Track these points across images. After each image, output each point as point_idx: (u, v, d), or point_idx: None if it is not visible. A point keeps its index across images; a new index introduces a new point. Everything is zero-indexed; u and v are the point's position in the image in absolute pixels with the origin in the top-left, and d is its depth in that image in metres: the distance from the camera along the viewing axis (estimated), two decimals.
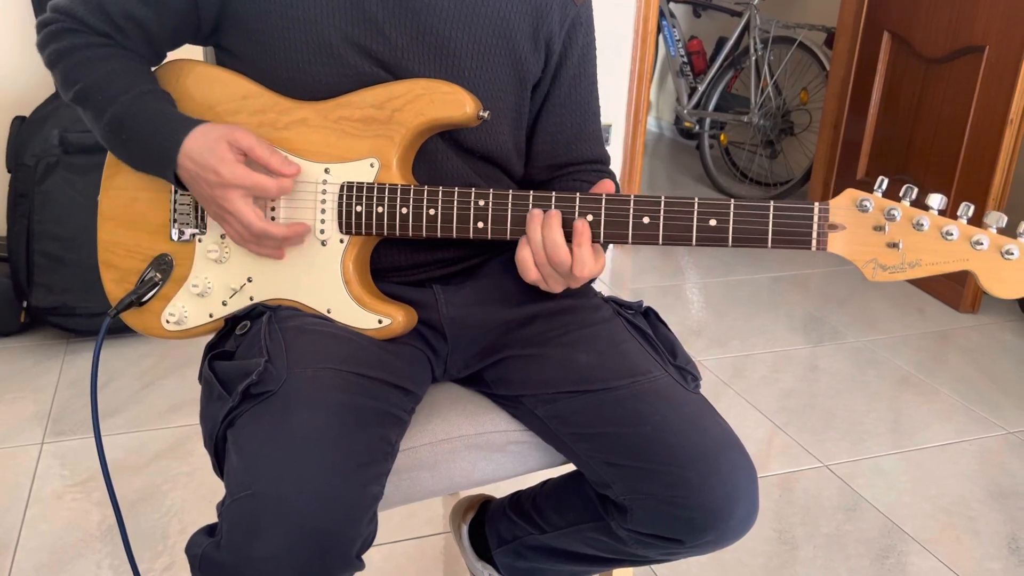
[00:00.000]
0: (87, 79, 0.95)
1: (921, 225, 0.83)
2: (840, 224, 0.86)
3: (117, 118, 0.94)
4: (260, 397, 0.84)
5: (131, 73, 0.96)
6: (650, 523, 0.91)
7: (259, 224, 0.92)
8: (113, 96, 0.94)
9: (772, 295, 2.80)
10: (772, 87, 3.89)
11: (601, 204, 0.90)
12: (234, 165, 0.90)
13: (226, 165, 0.90)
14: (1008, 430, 2.03)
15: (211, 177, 0.90)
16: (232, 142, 0.91)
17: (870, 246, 0.85)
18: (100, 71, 0.95)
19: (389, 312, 0.97)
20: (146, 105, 0.94)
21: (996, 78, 2.53)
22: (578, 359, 0.98)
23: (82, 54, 0.95)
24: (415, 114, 0.94)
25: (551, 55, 1.04)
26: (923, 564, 1.56)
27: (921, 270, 0.84)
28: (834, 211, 0.86)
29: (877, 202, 0.85)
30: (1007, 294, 0.83)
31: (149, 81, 0.97)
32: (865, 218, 0.85)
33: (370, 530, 0.83)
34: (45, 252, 2.14)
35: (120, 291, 1.03)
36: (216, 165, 0.90)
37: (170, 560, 1.49)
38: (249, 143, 0.92)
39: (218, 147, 0.91)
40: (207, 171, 0.90)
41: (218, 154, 0.90)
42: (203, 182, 0.91)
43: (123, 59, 0.97)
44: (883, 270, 0.85)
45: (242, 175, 0.90)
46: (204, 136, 0.92)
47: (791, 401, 2.12)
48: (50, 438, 1.84)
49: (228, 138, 0.91)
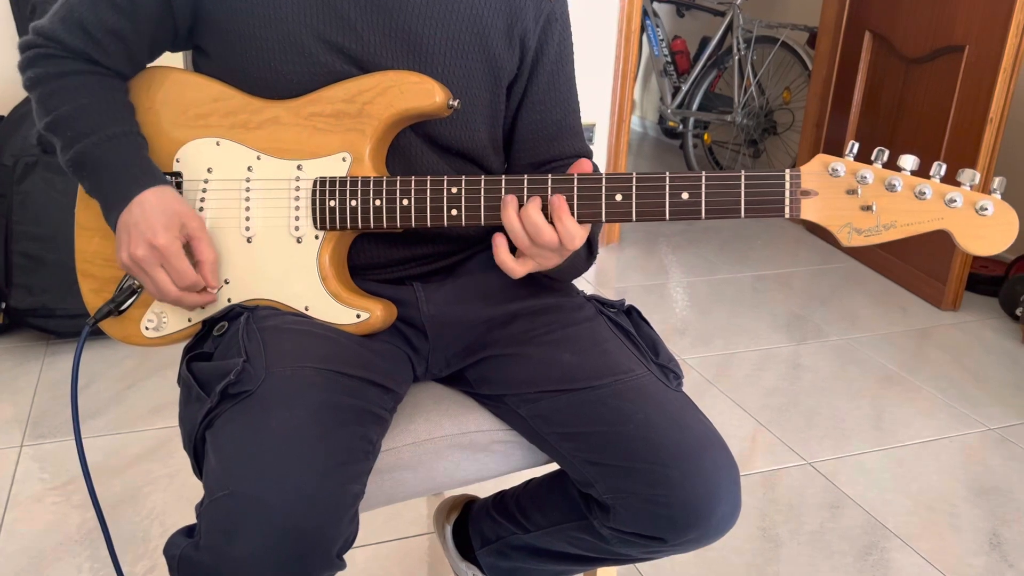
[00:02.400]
0: (58, 111, 0.95)
1: (894, 186, 0.83)
2: (812, 190, 0.85)
3: (80, 158, 0.95)
4: (238, 397, 0.84)
5: (103, 109, 0.96)
6: (633, 522, 0.91)
7: (176, 293, 0.94)
8: (79, 135, 0.95)
9: (755, 294, 2.81)
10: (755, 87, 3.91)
11: (574, 184, 0.90)
12: (173, 241, 0.92)
13: (167, 236, 0.91)
14: (989, 427, 2.05)
15: (147, 235, 0.91)
16: (184, 223, 0.93)
17: (844, 210, 0.85)
18: (72, 104, 0.95)
19: (367, 306, 0.96)
20: (109, 151, 0.95)
21: (976, 77, 2.55)
22: (561, 358, 0.97)
23: (57, 83, 0.96)
24: (385, 106, 0.94)
25: (527, 52, 1.04)
26: (905, 560, 1.57)
27: (897, 232, 0.83)
28: (805, 177, 0.85)
29: (848, 166, 0.84)
30: (984, 251, 0.82)
31: (120, 120, 0.97)
32: (837, 182, 0.85)
33: (351, 530, 0.83)
34: (24, 252, 2.11)
35: (99, 300, 1.02)
36: (159, 230, 0.91)
37: (151, 563, 1.47)
38: (197, 234, 0.94)
39: (171, 217, 0.92)
40: (147, 229, 0.91)
41: (167, 221, 0.92)
42: (136, 234, 0.92)
43: (98, 91, 0.96)
44: (858, 234, 0.84)
45: (174, 252, 0.92)
46: (165, 198, 0.93)
47: (774, 399, 2.13)
48: (29, 441, 1.82)
49: (184, 217, 0.93)
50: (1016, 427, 2.05)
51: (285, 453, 0.79)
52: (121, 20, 0.95)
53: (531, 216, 0.89)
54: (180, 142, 0.99)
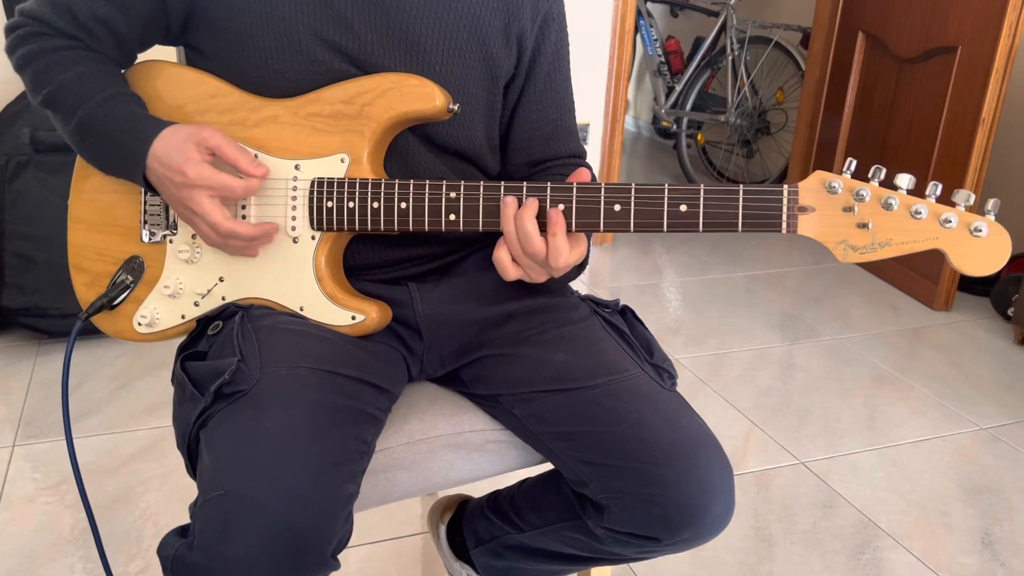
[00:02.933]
0: (55, 82, 0.94)
1: (890, 205, 0.83)
2: (809, 206, 0.86)
3: (85, 121, 0.93)
4: (233, 397, 0.84)
5: (100, 76, 0.95)
6: (627, 521, 0.91)
7: (226, 224, 0.91)
8: (81, 99, 0.93)
9: (748, 293, 2.81)
10: (749, 87, 3.92)
11: (572, 193, 0.90)
12: (200, 165, 0.90)
13: (192, 165, 0.89)
14: (981, 426, 2.06)
15: (177, 178, 0.90)
16: (200, 142, 0.90)
17: (840, 227, 0.85)
18: (69, 74, 0.94)
19: (362, 308, 0.96)
20: (115, 108, 0.93)
21: (968, 78, 2.56)
22: (555, 358, 0.98)
23: (50, 57, 0.95)
24: (384, 108, 0.94)
25: (524, 51, 1.04)
26: (898, 559, 1.57)
27: (892, 250, 0.84)
28: (803, 193, 0.86)
29: (846, 183, 0.85)
30: (977, 271, 0.83)
31: (118, 84, 0.96)
32: (834, 199, 0.85)
33: (345, 529, 0.83)
34: (16, 252, 2.10)
35: (91, 295, 1.02)
36: (182, 165, 0.89)
37: (144, 563, 1.47)
38: (217, 142, 0.91)
39: (185, 147, 0.90)
40: (173, 172, 0.90)
41: (185, 154, 0.90)
42: (169, 183, 0.91)
43: (92, 62, 0.96)
44: (854, 251, 0.85)
45: (208, 175, 0.90)
46: (172, 136, 0.91)
47: (768, 399, 2.14)
48: (21, 441, 1.81)
49: (196, 138, 0.90)
50: (1008, 426, 2.06)
51: (280, 453, 0.79)
52: (112, 10, 0.94)
53: (524, 223, 0.89)
54: None
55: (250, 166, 0.92)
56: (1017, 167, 3.00)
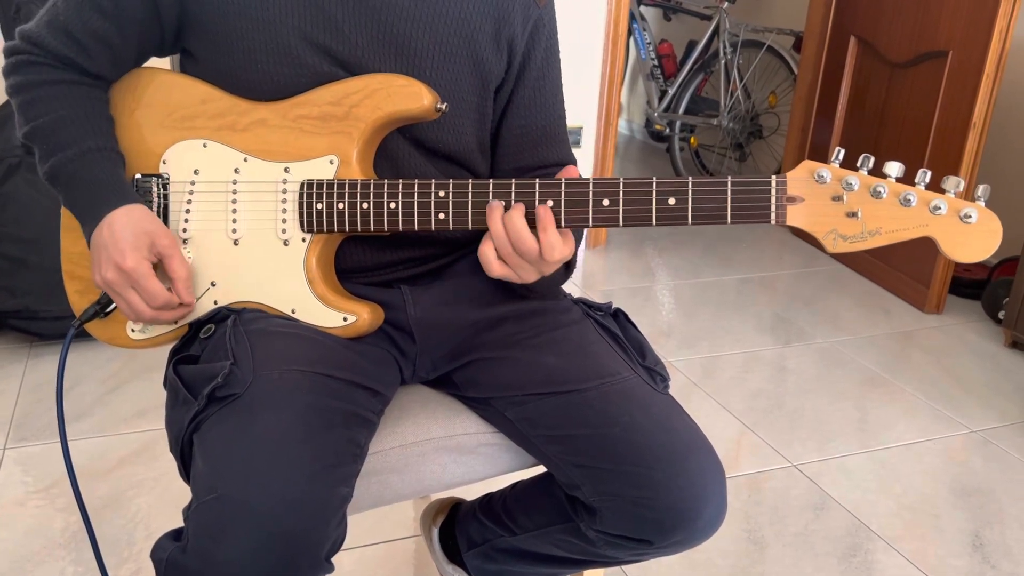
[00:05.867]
0: (38, 121, 0.95)
1: (879, 193, 0.83)
2: (798, 196, 0.85)
3: (56, 170, 0.95)
4: (226, 400, 0.83)
5: (79, 122, 0.95)
6: (619, 524, 0.91)
7: (150, 313, 0.93)
8: (56, 147, 0.94)
9: (740, 296, 2.82)
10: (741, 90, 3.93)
11: (561, 189, 0.90)
12: (142, 261, 0.91)
13: (135, 255, 0.91)
14: (971, 429, 2.07)
15: (115, 257, 0.91)
16: (155, 242, 0.92)
17: (829, 217, 0.85)
18: (51, 115, 0.95)
19: (354, 309, 0.96)
20: (83, 167, 0.94)
21: (959, 83, 2.58)
22: (547, 361, 0.98)
23: (38, 92, 0.95)
24: (372, 108, 0.94)
25: (514, 56, 1.04)
26: (889, 561, 1.58)
27: (882, 238, 0.84)
28: (791, 183, 0.85)
29: (834, 172, 0.85)
30: (968, 258, 0.82)
31: (97, 133, 0.96)
32: (823, 189, 0.85)
33: (339, 532, 0.83)
34: (6, 255, 2.10)
35: (84, 302, 1.02)
36: (127, 251, 0.91)
37: (136, 567, 1.47)
38: (170, 253, 0.93)
39: (140, 237, 0.92)
40: (116, 252, 0.91)
41: (136, 242, 0.91)
42: (107, 256, 0.91)
43: (76, 103, 0.96)
44: (844, 240, 0.85)
45: (143, 274, 0.91)
46: (136, 217, 0.93)
47: (759, 401, 2.14)
48: (12, 444, 1.80)
49: (154, 236, 0.93)
50: (998, 429, 2.07)
51: (272, 456, 0.79)
52: (107, 24, 0.95)
53: (515, 222, 0.89)
54: (167, 144, 0.99)
55: (184, 290, 0.95)
56: (1008, 171, 3.02)
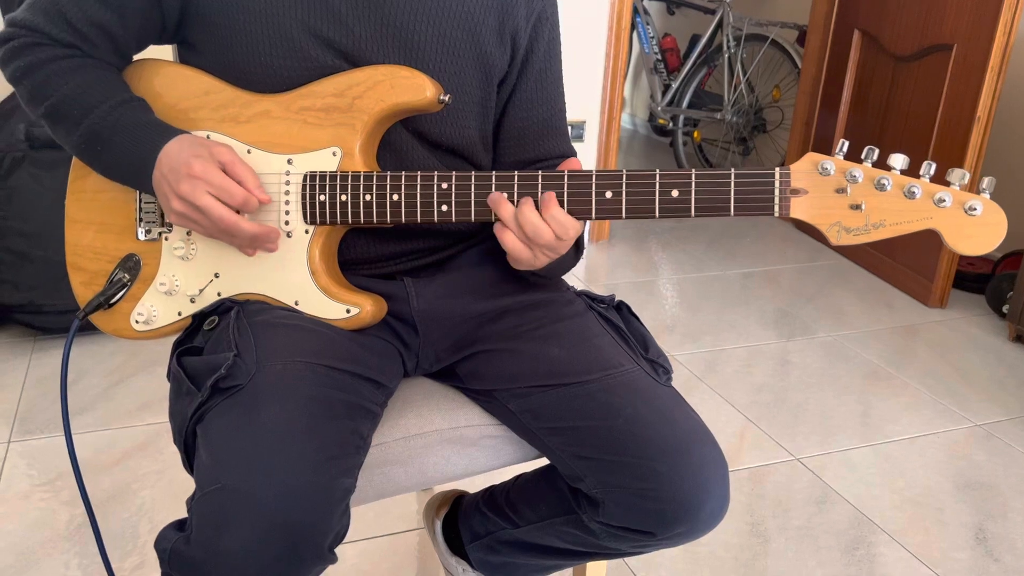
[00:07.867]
0: (58, 93, 0.93)
1: (883, 185, 0.82)
2: (802, 189, 0.85)
3: (94, 130, 0.93)
4: (229, 391, 0.84)
5: (103, 83, 0.94)
6: (622, 516, 0.91)
7: (230, 218, 0.90)
8: (88, 108, 0.93)
9: (743, 290, 2.82)
10: (745, 84, 3.92)
11: (564, 180, 0.90)
12: (209, 163, 0.89)
13: (201, 162, 0.89)
14: (975, 423, 2.07)
15: (183, 169, 0.88)
16: (214, 154, 0.90)
17: (833, 209, 0.84)
18: (71, 84, 0.93)
19: (357, 301, 0.96)
20: (123, 116, 0.93)
21: (964, 76, 2.57)
22: (550, 353, 0.98)
23: (49, 68, 0.94)
24: (376, 100, 0.94)
25: (517, 50, 1.04)
26: (892, 555, 1.58)
27: (886, 231, 0.83)
28: (795, 176, 0.85)
29: (838, 164, 0.84)
30: (973, 250, 0.82)
31: (122, 90, 0.96)
32: (827, 181, 0.84)
33: (342, 523, 0.83)
34: (11, 249, 2.10)
35: (89, 293, 1.02)
36: (191, 160, 0.89)
37: (140, 559, 1.47)
38: (231, 159, 0.91)
39: (199, 150, 0.90)
40: (180, 165, 0.88)
41: (196, 152, 0.89)
42: (173, 176, 0.89)
43: (93, 69, 0.95)
44: (847, 232, 0.84)
45: (214, 173, 0.89)
46: (189, 140, 0.91)
47: (763, 395, 2.14)
48: (16, 437, 1.81)
49: (212, 149, 0.91)
50: (1002, 423, 2.07)
51: (276, 447, 0.79)
52: (107, 13, 0.94)
53: (529, 218, 0.89)
54: None
55: (256, 188, 0.92)
56: (1012, 165, 3.01)
